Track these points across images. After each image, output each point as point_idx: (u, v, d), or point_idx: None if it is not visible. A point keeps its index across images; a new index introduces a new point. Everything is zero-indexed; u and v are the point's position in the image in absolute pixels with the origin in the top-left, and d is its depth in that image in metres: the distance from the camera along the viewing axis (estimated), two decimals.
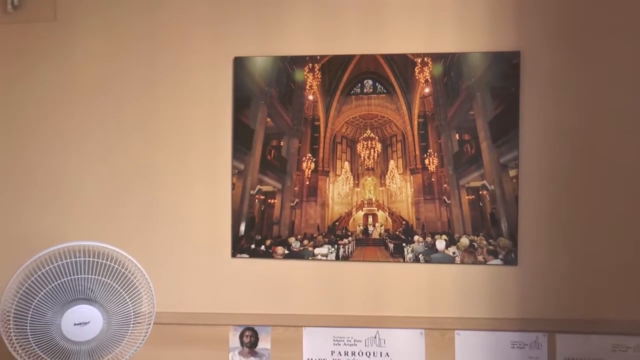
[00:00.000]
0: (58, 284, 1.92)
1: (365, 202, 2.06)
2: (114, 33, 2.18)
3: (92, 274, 1.96)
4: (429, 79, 1.98)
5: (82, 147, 2.20)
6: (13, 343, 1.95)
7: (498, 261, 1.94)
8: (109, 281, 1.95)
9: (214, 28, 2.10)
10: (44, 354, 1.96)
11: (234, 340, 2.10)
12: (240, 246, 2.10)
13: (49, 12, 2.21)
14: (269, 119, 2.08)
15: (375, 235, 2.05)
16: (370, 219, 2.06)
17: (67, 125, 2.21)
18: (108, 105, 2.17)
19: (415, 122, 2.00)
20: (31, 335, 1.93)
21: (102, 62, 2.18)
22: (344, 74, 2.03)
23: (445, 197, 1.99)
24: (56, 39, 2.20)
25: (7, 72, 2.24)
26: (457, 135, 1.99)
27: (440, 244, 2.00)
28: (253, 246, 2.09)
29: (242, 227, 2.11)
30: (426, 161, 2.00)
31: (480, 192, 1.96)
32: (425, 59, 1.96)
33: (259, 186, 2.10)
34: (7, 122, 2.24)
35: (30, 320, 1.93)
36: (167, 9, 2.15)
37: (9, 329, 1.93)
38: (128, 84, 2.16)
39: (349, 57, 2.02)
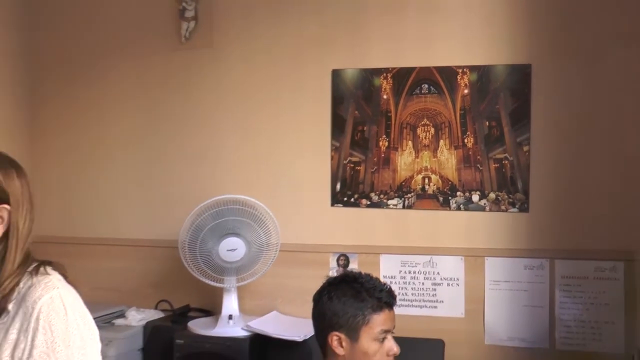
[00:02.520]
0: (216, 223, 2.43)
1: (423, 168, 2.54)
2: (251, 54, 2.72)
3: (238, 217, 2.44)
4: (467, 83, 2.47)
5: (232, 133, 2.75)
6: (188, 262, 2.46)
7: (515, 209, 2.42)
8: (249, 221, 2.45)
9: (319, 49, 2.63)
10: (208, 269, 2.46)
11: (333, 262, 2.61)
12: (336, 198, 2.62)
13: (208, 40, 2.74)
14: (356, 112, 2.58)
15: (430, 192, 2.52)
16: (426, 180, 2.53)
17: (222, 118, 2.76)
18: (248, 105, 2.72)
19: (458, 113, 2.48)
20: (199, 257, 2.44)
21: (245, 75, 2.73)
22: (408, 80, 2.53)
23: (478, 165, 2.47)
24: (212, 59, 2.77)
25: (180, 84, 2.82)
26: (487, 122, 2.46)
27: (475, 197, 2.48)
28: (345, 199, 2.61)
29: (338, 186, 2.62)
30: (465, 140, 2.48)
31: (503, 162, 2.44)
32: (464, 69, 2.46)
33: (349, 157, 2.60)
34: (182, 117, 2.82)
35: (198, 247, 2.43)
36: (286, 35, 2.66)
37: (185, 253, 2.45)
38: (262, 89, 2.70)
39: (412, 69, 2.52)
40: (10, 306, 1.37)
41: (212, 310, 2.72)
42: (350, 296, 1.71)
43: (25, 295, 1.37)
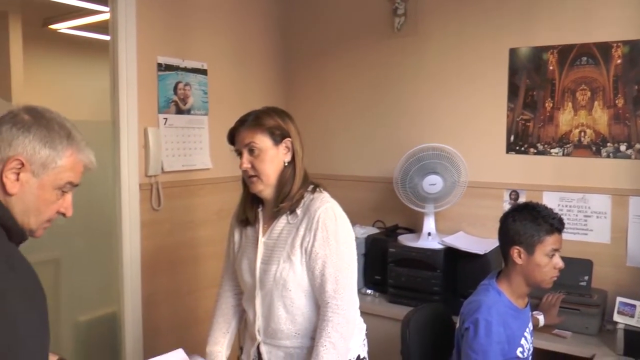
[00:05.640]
0: (421, 164, 2.94)
1: (580, 124, 2.85)
2: (445, 38, 3.20)
3: (437, 160, 2.93)
4: (619, 55, 2.73)
5: (431, 97, 3.26)
6: (400, 193, 2.99)
7: None
8: (445, 163, 2.93)
9: (499, 32, 3.02)
10: (414, 198, 2.98)
11: (506, 196, 3.05)
12: (510, 147, 3.03)
13: (414, 30, 3.29)
14: (527, 80, 2.95)
15: (585, 143, 2.83)
16: (582, 134, 2.85)
17: (423, 87, 3.29)
18: (442, 76, 3.22)
19: (611, 80, 2.76)
20: (408, 189, 2.97)
21: (440, 54, 3.22)
22: (570, 54, 2.85)
23: (626, 121, 2.73)
24: (416, 44, 3.29)
25: (394, 62, 3.37)
26: (635, 86, 2.71)
27: (622, 147, 2.75)
28: (517, 148, 3.01)
29: (512, 138, 3.02)
30: (616, 101, 2.75)
31: None
32: (617, 43, 2.72)
33: (521, 116, 2.99)
34: (395, 87, 3.38)
35: (407, 182, 2.95)
36: (473, 23, 3.08)
37: (398, 186, 2.99)
38: (453, 64, 3.18)
39: (573, 45, 2.83)
40: (299, 212, 1.83)
41: (414, 229, 3.24)
42: (529, 220, 1.98)
43: (309, 206, 1.83)
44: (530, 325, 2.16)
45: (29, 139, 1.27)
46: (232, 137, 1.91)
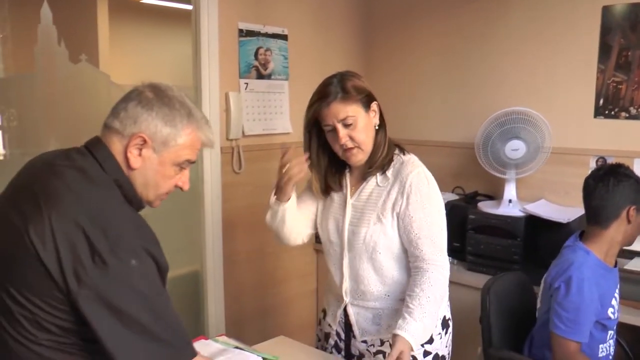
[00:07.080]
0: (503, 129, 2.89)
1: None
2: (533, 4, 3.12)
3: (520, 124, 2.86)
4: None
5: (516, 59, 3.18)
6: (481, 158, 2.96)
7: None
8: (529, 128, 2.86)
9: None
10: (495, 164, 2.90)
11: (592, 163, 2.94)
12: (599, 111, 2.94)
13: None
14: (622, 40, 2.82)
15: None
16: None
17: (510, 50, 3.20)
18: (529, 38, 3.12)
19: None
20: (490, 155, 2.91)
21: (527, 14, 3.12)
22: None
23: None
24: (500, 6, 3.20)
25: (476, 26, 3.31)
26: None
27: None
28: (606, 112, 2.90)
29: (601, 101, 2.92)
30: None
31: None
32: None
33: (612, 78, 2.87)
34: (478, 50, 3.31)
35: (489, 147, 2.92)
36: None
37: (480, 151, 2.95)
38: (541, 24, 3.07)
39: None
40: (389, 174, 1.85)
41: (494, 196, 3.22)
42: (635, 180, 2.02)
43: (400, 170, 1.84)
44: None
45: (152, 117, 1.33)
46: (316, 113, 1.85)
